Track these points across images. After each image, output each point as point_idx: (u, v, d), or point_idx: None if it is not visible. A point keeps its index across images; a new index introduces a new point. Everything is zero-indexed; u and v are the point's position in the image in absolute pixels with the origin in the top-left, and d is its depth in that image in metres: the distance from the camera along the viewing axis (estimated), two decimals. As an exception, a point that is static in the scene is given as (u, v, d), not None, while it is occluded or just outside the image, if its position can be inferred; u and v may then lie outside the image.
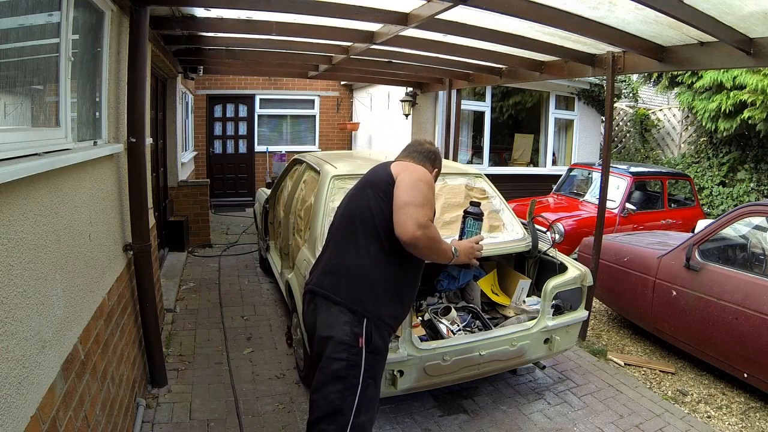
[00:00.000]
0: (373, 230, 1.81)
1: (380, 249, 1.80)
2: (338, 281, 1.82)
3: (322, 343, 1.79)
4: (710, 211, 7.94)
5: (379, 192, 1.83)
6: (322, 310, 1.83)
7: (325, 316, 1.80)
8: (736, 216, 3.31)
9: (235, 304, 4.56)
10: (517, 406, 3.02)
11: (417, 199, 1.74)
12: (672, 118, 9.87)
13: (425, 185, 1.82)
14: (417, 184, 1.80)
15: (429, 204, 1.78)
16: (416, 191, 1.77)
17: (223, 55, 5.09)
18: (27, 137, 1.62)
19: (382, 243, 1.81)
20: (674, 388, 3.32)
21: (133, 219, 2.84)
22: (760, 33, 2.90)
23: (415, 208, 1.72)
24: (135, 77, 2.76)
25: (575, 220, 5.65)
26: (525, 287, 3.21)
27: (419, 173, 1.87)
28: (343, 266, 1.84)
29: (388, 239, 1.79)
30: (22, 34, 1.63)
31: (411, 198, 1.74)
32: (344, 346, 1.72)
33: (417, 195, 1.75)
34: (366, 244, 1.81)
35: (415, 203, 1.73)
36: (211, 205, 7.36)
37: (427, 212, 1.75)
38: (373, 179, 1.92)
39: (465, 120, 8.21)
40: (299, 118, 10.55)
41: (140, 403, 2.72)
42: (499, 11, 2.76)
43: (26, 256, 1.42)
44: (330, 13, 3.11)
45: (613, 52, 3.82)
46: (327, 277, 1.86)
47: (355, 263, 1.82)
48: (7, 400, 1.22)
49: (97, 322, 2.08)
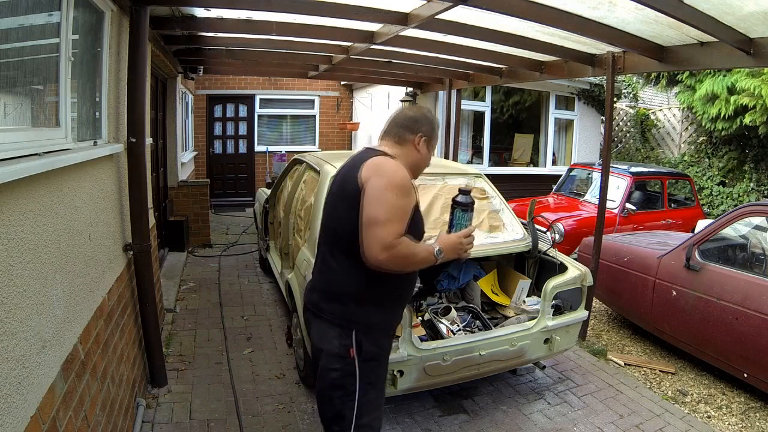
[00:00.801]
0: (348, 244, 1.68)
1: (360, 262, 1.65)
2: (323, 297, 1.78)
3: (317, 353, 1.79)
4: (710, 211, 7.93)
5: (349, 204, 1.69)
6: (313, 325, 1.83)
7: (316, 330, 1.80)
8: (736, 216, 3.31)
9: (235, 304, 4.56)
10: (517, 406, 3.02)
11: (381, 215, 1.57)
12: (672, 118, 9.87)
13: (392, 191, 1.61)
14: (382, 195, 1.60)
15: (396, 216, 1.60)
16: (380, 204, 1.59)
17: (223, 55, 5.09)
18: (27, 137, 1.62)
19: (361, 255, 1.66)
20: (674, 388, 3.32)
21: (133, 219, 2.84)
22: (760, 33, 2.90)
23: (379, 227, 1.56)
24: (135, 77, 2.76)
25: (575, 220, 5.65)
26: (525, 287, 3.21)
27: (388, 175, 1.64)
28: (325, 282, 1.80)
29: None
30: (22, 34, 1.63)
31: (375, 214, 1.58)
32: (337, 358, 1.69)
33: (381, 209, 1.58)
34: (346, 257, 1.72)
35: (379, 220, 1.57)
36: (211, 205, 7.36)
37: (392, 228, 1.57)
38: (343, 190, 1.75)
39: (465, 120, 8.20)
40: (299, 118, 10.55)
41: (140, 403, 2.72)
42: (499, 11, 2.76)
43: (26, 256, 1.42)
44: (330, 13, 3.11)
45: (613, 52, 3.82)
46: (314, 294, 1.84)
47: (337, 279, 1.75)
48: (7, 400, 1.22)
49: (97, 322, 2.08)
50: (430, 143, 1.85)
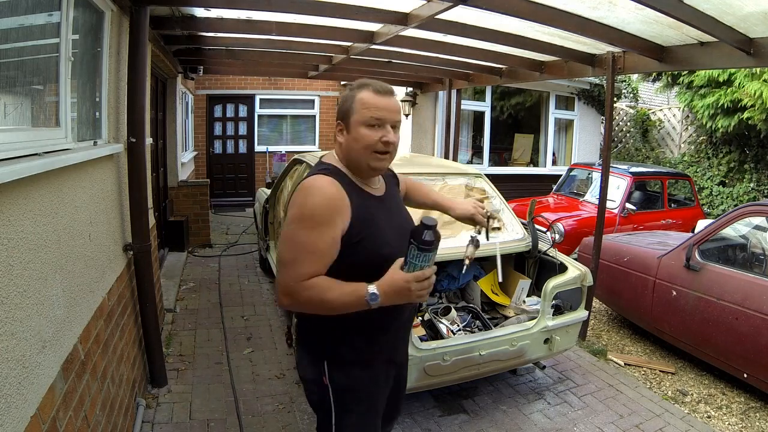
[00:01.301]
0: None
1: None
2: (298, 324, 1.70)
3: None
4: (710, 211, 7.93)
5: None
6: (296, 348, 1.81)
7: (297, 354, 1.74)
8: (736, 216, 3.31)
9: (235, 304, 4.56)
10: (517, 406, 3.02)
11: (284, 255, 1.39)
12: (672, 118, 9.87)
13: (298, 225, 1.38)
14: (288, 230, 1.40)
15: (301, 255, 1.35)
16: (285, 242, 1.40)
17: (223, 55, 5.09)
18: (27, 137, 1.62)
19: None
20: (674, 388, 3.32)
21: (133, 219, 2.84)
22: (760, 33, 2.90)
23: (283, 270, 1.38)
24: (135, 77, 2.76)
25: (575, 220, 5.66)
26: (525, 287, 3.21)
27: (298, 204, 1.41)
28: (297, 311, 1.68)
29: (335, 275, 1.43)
30: (22, 34, 1.63)
31: (280, 254, 1.41)
32: (312, 384, 1.59)
33: (285, 248, 1.40)
34: None
35: (283, 261, 1.39)
36: (211, 205, 7.36)
37: (296, 271, 1.35)
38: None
39: (465, 120, 8.21)
40: (299, 118, 10.54)
41: (140, 403, 2.72)
42: (499, 11, 2.76)
43: (26, 256, 1.42)
44: (330, 13, 3.11)
45: (613, 52, 3.82)
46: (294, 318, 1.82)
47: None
48: (7, 400, 1.22)
49: (97, 322, 2.08)
50: (348, 122, 1.45)
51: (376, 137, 1.41)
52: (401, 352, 1.72)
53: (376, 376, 1.58)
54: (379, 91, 1.43)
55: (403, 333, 1.69)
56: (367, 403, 1.58)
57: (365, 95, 1.43)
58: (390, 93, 1.46)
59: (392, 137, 1.43)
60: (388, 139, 1.42)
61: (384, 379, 1.63)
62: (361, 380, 1.55)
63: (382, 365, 1.60)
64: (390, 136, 1.42)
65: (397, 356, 1.68)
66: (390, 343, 1.60)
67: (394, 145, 1.45)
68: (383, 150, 1.43)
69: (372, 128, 1.41)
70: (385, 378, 1.63)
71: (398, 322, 1.58)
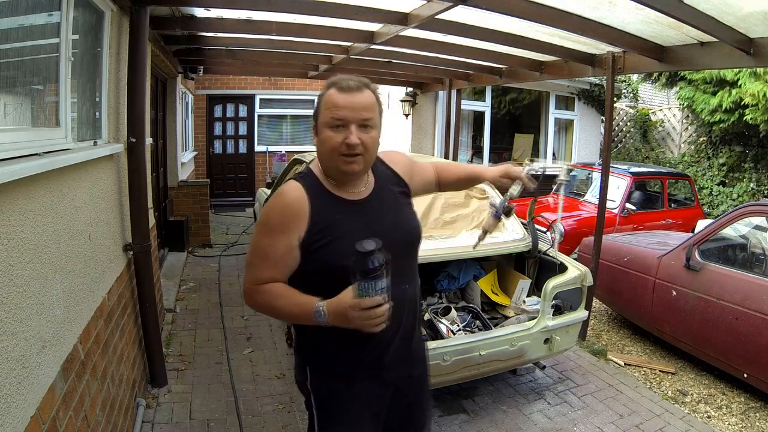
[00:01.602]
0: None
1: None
2: (294, 326, 1.58)
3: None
4: (710, 211, 7.93)
5: None
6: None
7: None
8: (736, 216, 3.31)
9: (235, 304, 4.56)
10: (517, 406, 3.02)
11: (247, 257, 1.42)
12: (672, 118, 9.87)
13: (258, 230, 1.40)
14: (253, 234, 1.44)
15: (256, 260, 1.37)
16: (250, 245, 1.43)
17: (223, 55, 5.09)
18: (27, 137, 1.62)
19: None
20: (674, 388, 3.32)
21: (133, 219, 2.84)
22: (760, 33, 2.90)
23: (245, 271, 1.42)
24: (135, 77, 2.76)
25: (575, 220, 5.66)
26: (525, 287, 3.21)
27: (263, 210, 1.43)
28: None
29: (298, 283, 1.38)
30: (22, 34, 1.63)
31: (247, 256, 1.45)
32: (300, 387, 1.56)
33: (248, 252, 1.42)
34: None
35: (247, 263, 1.42)
36: (211, 205, 7.36)
37: (251, 274, 1.37)
38: None
39: (465, 120, 8.20)
40: (299, 118, 10.54)
41: (140, 403, 2.72)
42: (499, 11, 2.76)
43: (26, 256, 1.42)
44: (330, 13, 3.11)
45: (613, 52, 3.82)
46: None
47: None
48: (7, 400, 1.22)
49: (97, 322, 2.08)
50: (317, 124, 1.38)
51: (338, 139, 1.30)
52: (398, 373, 1.48)
53: (357, 392, 1.45)
54: (342, 89, 1.32)
55: (398, 350, 1.45)
56: (347, 419, 1.46)
57: (329, 94, 1.33)
58: (355, 89, 1.32)
59: (353, 138, 1.29)
60: (350, 140, 1.29)
61: (370, 398, 1.47)
62: (338, 392, 1.45)
63: (365, 381, 1.45)
64: (351, 137, 1.29)
65: (390, 375, 1.47)
66: (376, 358, 1.43)
67: (362, 146, 1.31)
68: (347, 152, 1.31)
69: (335, 129, 1.31)
70: (371, 396, 1.47)
71: (384, 336, 1.35)
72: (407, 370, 1.52)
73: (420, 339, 1.60)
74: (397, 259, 1.30)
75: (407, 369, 1.52)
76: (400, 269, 1.36)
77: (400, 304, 1.38)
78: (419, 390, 1.60)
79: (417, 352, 1.57)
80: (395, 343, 1.44)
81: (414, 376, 1.56)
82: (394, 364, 1.46)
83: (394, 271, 1.27)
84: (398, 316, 1.39)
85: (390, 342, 1.43)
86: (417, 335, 1.55)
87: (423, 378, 1.62)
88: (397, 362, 1.46)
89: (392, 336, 1.42)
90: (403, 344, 1.47)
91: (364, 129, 1.32)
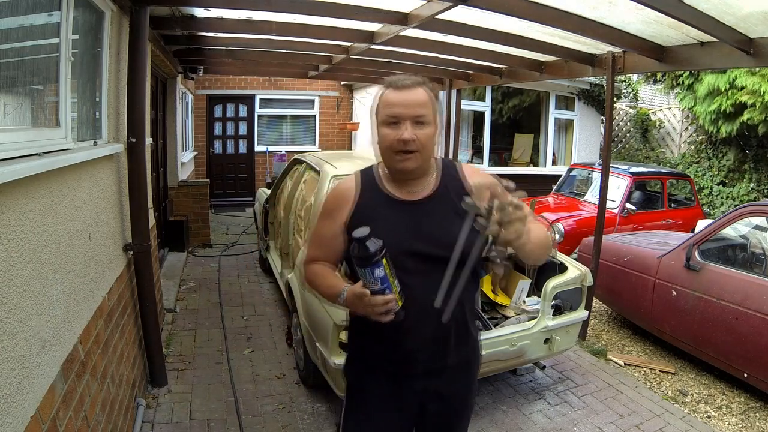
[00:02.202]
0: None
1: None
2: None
3: None
4: (710, 211, 7.93)
5: None
6: None
7: None
8: (736, 216, 3.31)
9: (235, 304, 4.56)
10: (517, 406, 3.02)
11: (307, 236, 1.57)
12: (672, 118, 9.88)
13: (318, 211, 1.58)
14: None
15: (310, 239, 1.53)
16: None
17: (223, 55, 5.09)
18: (27, 137, 1.62)
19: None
20: (674, 388, 3.32)
21: (133, 219, 2.84)
22: (760, 33, 2.90)
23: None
24: (135, 77, 2.76)
25: (575, 220, 5.66)
26: (525, 287, 3.21)
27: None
28: None
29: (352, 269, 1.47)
30: (22, 34, 1.63)
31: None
32: (343, 372, 1.68)
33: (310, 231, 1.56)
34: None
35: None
36: (211, 205, 7.36)
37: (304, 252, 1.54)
38: None
39: (465, 120, 8.21)
40: (299, 118, 10.55)
41: (140, 403, 2.72)
42: (499, 11, 2.76)
43: (26, 256, 1.42)
44: (330, 13, 3.11)
45: (613, 52, 3.82)
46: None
47: None
48: (7, 400, 1.22)
49: (97, 322, 2.08)
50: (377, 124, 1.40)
51: (393, 136, 1.32)
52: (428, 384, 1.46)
53: (381, 387, 1.47)
54: (396, 86, 1.35)
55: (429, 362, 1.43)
56: (367, 410, 1.50)
57: (384, 93, 1.38)
58: (408, 86, 1.35)
59: (407, 134, 1.30)
60: (403, 136, 1.30)
61: (394, 397, 1.47)
62: (364, 383, 1.52)
63: (390, 380, 1.46)
64: (405, 133, 1.30)
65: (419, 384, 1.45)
66: (401, 360, 1.43)
67: (416, 143, 1.32)
68: (402, 149, 1.32)
69: (390, 127, 1.33)
70: (396, 397, 1.47)
71: (407, 340, 1.39)
72: (441, 385, 1.48)
73: (465, 364, 1.52)
74: (431, 268, 1.31)
75: (440, 385, 1.48)
76: (429, 279, 1.31)
77: (424, 313, 1.32)
78: (453, 411, 1.54)
79: (456, 372, 1.50)
80: (424, 352, 1.41)
81: (448, 395, 1.50)
82: (424, 375, 1.45)
83: (424, 279, 1.32)
84: (425, 325, 1.37)
85: (416, 348, 1.41)
86: (455, 354, 1.46)
87: (461, 399, 1.56)
88: (427, 373, 1.44)
89: (419, 342, 1.40)
90: (434, 357, 1.43)
91: (418, 126, 1.33)
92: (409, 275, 1.32)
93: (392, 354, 1.44)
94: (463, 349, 1.48)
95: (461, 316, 1.44)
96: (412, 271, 1.33)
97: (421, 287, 1.32)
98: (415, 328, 1.37)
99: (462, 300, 1.33)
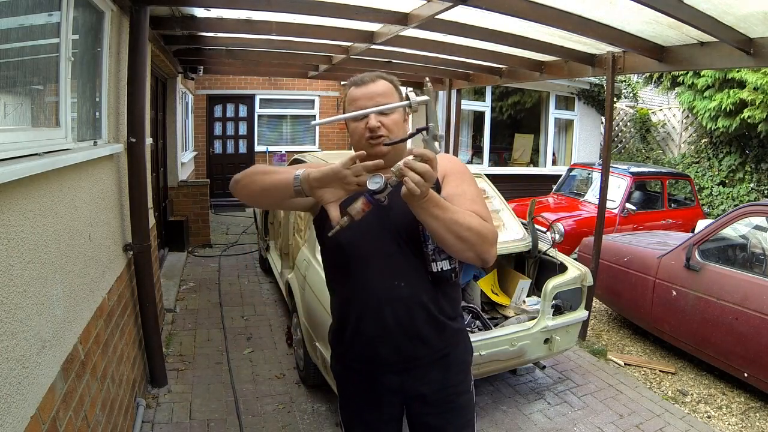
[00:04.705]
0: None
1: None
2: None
3: None
4: (710, 211, 7.93)
5: None
6: None
7: None
8: (736, 216, 3.31)
9: (235, 304, 4.56)
10: (517, 406, 3.02)
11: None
12: (672, 119, 9.87)
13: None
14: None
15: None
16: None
17: (223, 55, 5.09)
18: (27, 137, 1.62)
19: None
20: (674, 388, 3.32)
21: (133, 219, 2.84)
22: (760, 33, 2.90)
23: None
24: (135, 77, 2.76)
25: (575, 220, 5.66)
26: (525, 287, 3.21)
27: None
28: None
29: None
30: (22, 34, 1.63)
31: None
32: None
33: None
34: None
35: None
36: (211, 205, 7.36)
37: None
38: None
39: (465, 120, 8.21)
40: (299, 118, 10.55)
41: (140, 403, 2.72)
42: (499, 11, 2.76)
43: (26, 256, 1.42)
44: (330, 13, 3.11)
45: (613, 52, 3.82)
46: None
47: None
48: (7, 400, 1.22)
49: (97, 322, 2.08)
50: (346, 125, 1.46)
51: (362, 125, 1.36)
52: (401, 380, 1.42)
53: (354, 386, 1.50)
54: (357, 84, 1.43)
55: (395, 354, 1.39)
56: (352, 403, 1.54)
57: (349, 91, 1.45)
58: (367, 81, 1.41)
59: (372, 122, 1.33)
60: (369, 124, 1.34)
61: (369, 397, 1.47)
62: (340, 380, 1.57)
63: (356, 376, 1.48)
64: (371, 121, 1.33)
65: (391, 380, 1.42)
66: (366, 348, 1.41)
67: (383, 129, 1.34)
68: (371, 136, 1.34)
69: (357, 120, 1.37)
70: (371, 395, 1.47)
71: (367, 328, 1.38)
72: (418, 384, 1.44)
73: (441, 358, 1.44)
74: (391, 253, 1.35)
75: (417, 383, 1.43)
76: (392, 265, 1.35)
77: (387, 301, 1.34)
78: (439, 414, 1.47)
79: (430, 367, 1.44)
80: (387, 344, 1.38)
81: (429, 394, 1.44)
82: (396, 370, 1.42)
83: (385, 266, 1.35)
84: (387, 314, 1.35)
85: (378, 336, 1.38)
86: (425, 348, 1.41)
87: (445, 400, 1.46)
88: (398, 368, 1.42)
89: (380, 331, 1.37)
90: (399, 349, 1.39)
91: (383, 114, 1.37)
92: (367, 266, 1.36)
93: (360, 349, 1.43)
94: (436, 341, 1.42)
95: (432, 304, 1.38)
96: (370, 260, 1.36)
97: (379, 275, 1.35)
98: (376, 316, 1.36)
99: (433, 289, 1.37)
